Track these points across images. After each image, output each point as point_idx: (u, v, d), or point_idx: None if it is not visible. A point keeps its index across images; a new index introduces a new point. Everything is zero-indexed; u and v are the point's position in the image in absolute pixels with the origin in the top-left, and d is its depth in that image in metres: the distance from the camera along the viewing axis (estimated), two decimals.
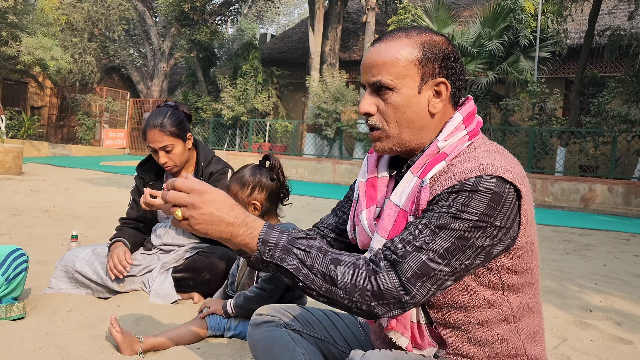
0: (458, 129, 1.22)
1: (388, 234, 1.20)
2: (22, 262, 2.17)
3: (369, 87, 1.24)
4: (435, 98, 1.22)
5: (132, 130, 21.06)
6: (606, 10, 15.57)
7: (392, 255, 1.08)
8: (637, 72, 11.41)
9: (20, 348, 1.83)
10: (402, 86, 1.20)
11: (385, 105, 1.21)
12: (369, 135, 1.29)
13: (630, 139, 11.47)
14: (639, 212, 9.75)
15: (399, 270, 1.06)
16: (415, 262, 1.06)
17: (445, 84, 1.22)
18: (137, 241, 2.65)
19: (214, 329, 2.05)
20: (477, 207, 1.08)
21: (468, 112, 1.25)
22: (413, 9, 13.21)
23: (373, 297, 1.05)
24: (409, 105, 1.20)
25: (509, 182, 1.10)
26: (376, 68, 1.20)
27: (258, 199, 2.11)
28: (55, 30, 19.27)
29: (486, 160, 1.13)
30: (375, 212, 1.31)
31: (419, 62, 1.20)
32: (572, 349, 2.24)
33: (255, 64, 17.02)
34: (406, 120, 1.21)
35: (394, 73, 1.19)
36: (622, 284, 3.70)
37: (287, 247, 1.08)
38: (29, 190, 7.35)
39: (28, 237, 3.95)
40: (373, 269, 1.07)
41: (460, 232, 1.08)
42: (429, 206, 1.14)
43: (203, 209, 1.05)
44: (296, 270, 1.07)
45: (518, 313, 1.23)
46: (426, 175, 1.18)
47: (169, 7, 17.11)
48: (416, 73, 1.20)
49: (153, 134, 2.52)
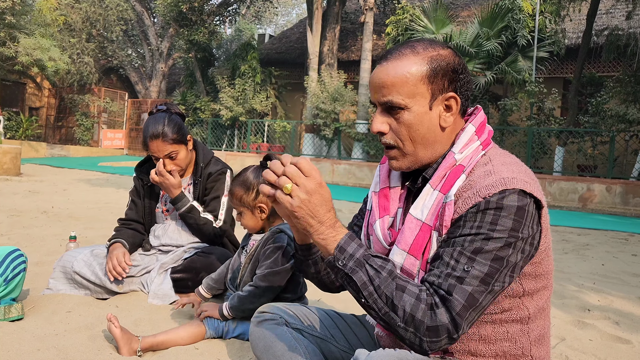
0: (472, 140, 1.25)
1: (409, 247, 1.22)
2: (20, 263, 2.16)
3: (380, 107, 1.25)
4: (446, 112, 1.24)
5: (131, 130, 21.04)
6: (604, 10, 15.59)
7: (440, 291, 1.10)
8: (635, 72, 11.43)
9: (19, 349, 1.83)
10: (413, 104, 1.21)
11: (398, 124, 1.23)
12: (385, 152, 1.31)
13: (628, 139, 11.48)
14: (637, 211, 9.77)
15: (449, 306, 1.08)
16: (462, 296, 1.09)
17: (455, 98, 1.23)
18: (135, 242, 2.65)
19: (212, 333, 2.05)
20: (504, 224, 1.11)
21: (480, 123, 1.28)
22: (411, 9, 13.21)
23: (427, 333, 1.07)
24: (422, 123, 1.22)
25: (529, 195, 1.13)
26: (386, 88, 1.21)
27: (264, 201, 2.10)
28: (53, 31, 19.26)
29: (505, 173, 1.15)
30: (388, 221, 1.32)
31: (428, 79, 1.21)
32: (571, 349, 2.24)
33: (253, 65, 17.01)
34: (420, 137, 1.23)
35: (405, 92, 1.20)
36: (621, 283, 3.71)
37: (360, 261, 1.11)
38: (27, 191, 7.34)
39: (26, 238, 3.95)
40: (432, 305, 1.09)
41: (494, 253, 1.11)
42: (455, 225, 1.16)
43: (312, 197, 1.10)
44: (363, 285, 1.10)
45: (533, 315, 1.25)
46: (449, 191, 1.19)
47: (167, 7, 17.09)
48: (426, 90, 1.21)
49: (156, 145, 2.51)
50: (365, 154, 14.32)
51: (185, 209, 2.53)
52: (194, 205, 2.56)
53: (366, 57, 15.08)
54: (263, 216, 2.13)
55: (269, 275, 2.03)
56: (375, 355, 1.12)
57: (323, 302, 2.73)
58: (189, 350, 1.92)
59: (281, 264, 2.04)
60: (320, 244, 1.15)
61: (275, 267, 2.03)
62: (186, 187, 2.73)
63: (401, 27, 13.21)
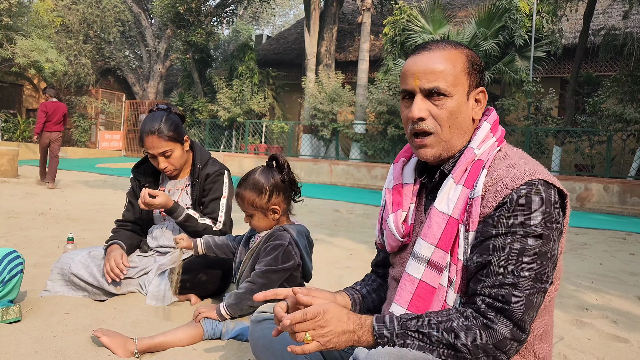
0: (488, 137, 1.33)
1: (438, 241, 1.26)
2: (17, 265, 2.16)
3: (421, 93, 1.30)
4: (476, 105, 1.33)
5: (128, 132, 21.02)
6: (601, 9, 15.61)
7: (497, 303, 1.15)
8: (632, 71, 11.45)
9: (17, 351, 1.82)
10: (455, 93, 1.28)
11: (439, 110, 1.28)
12: (415, 142, 1.33)
13: (626, 138, 11.50)
14: (634, 210, 9.78)
15: (509, 315, 1.14)
16: (520, 302, 1.14)
17: (484, 93, 1.34)
18: (133, 243, 2.64)
19: (210, 334, 2.04)
20: (537, 217, 1.17)
21: (494, 121, 1.35)
22: (408, 9, 13.22)
23: (496, 349, 1.13)
24: (460, 111, 1.29)
25: (551, 185, 1.20)
26: (433, 74, 1.27)
27: (277, 203, 2.10)
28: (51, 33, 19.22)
29: (526, 166, 1.23)
30: (401, 216, 1.38)
31: (468, 72, 1.30)
32: (569, 348, 2.25)
33: (251, 65, 17.01)
34: (457, 125, 1.30)
35: (450, 80, 1.27)
36: (618, 282, 3.71)
37: (402, 334, 1.16)
38: (25, 192, 7.33)
39: (24, 239, 3.94)
40: (485, 324, 1.14)
41: (538, 250, 1.16)
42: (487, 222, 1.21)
43: (329, 326, 1.15)
44: (420, 347, 1.15)
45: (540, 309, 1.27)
46: (475, 186, 1.25)
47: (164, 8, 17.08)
48: (465, 81, 1.30)
49: (151, 140, 2.50)
50: (363, 155, 14.32)
51: (181, 218, 2.51)
52: (190, 214, 2.54)
53: (364, 58, 15.09)
54: (276, 217, 2.13)
55: (267, 272, 2.03)
56: (374, 353, 1.12)
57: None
58: (187, 352, 1.92)
59: (281, 263, 2.04)
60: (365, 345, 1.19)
61: (274, 264, 2.03)
62: (183, 189, 2.72)
63: (398, 28, 13.23)
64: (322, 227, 5.70)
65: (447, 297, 1.26)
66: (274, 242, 2.07)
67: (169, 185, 2.74)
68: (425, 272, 1.27)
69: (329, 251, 4.24)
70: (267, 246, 2.08)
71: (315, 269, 2.46)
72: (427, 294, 1.27)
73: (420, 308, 1.27)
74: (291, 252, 2.06)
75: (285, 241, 2.06)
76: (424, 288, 1.27)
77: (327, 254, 4.12)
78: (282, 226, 2.12)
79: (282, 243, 2.05)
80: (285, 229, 2.10)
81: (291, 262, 2.07)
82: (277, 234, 2.09)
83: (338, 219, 6.58)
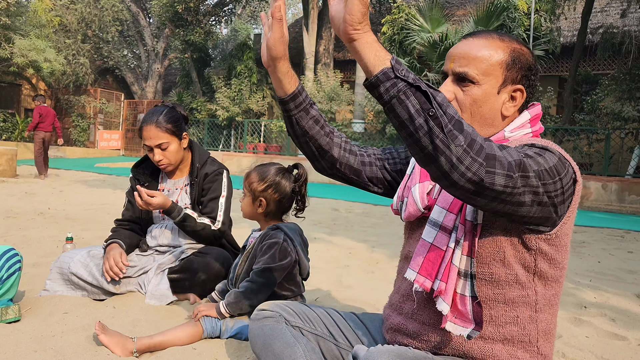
0: (524, 126, 1.32)
1: (450, 205, 1.27)
2: (15, 263, 2.15)
3: (452, 76, 1.31)
4: (509, 102, 1.31)
5: (127, 131, 21.01)
6: (599, 8, 15.63)
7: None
8: (630, 70, 11.46)
9: (16, 351, 1.83)
10: (484, 82, 1.28)
11: (465, 95, 1.29)
12: None
13: (624, 136, 11.52)
14: (632, 209, 9.80)
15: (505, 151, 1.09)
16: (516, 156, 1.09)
17: (522, 92, 1.31)
18: (132, 242, 2.65)
19: (209, 333, 2.05)
20: (550, 159, 1.16)
21: (535, 114, 1.34)
22: (406, 8, 13.22)
23: (486, 160, 1.04)
24: (486, 101, 1.28)
25: (567, 162, 1.20)
26: (466, 59, 1.28)
27: (267, 198, 2.13)
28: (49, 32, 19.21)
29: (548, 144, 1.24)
30: (427, 187, 1.37)
31: (506, 66, 1.28)
32: (567, 346, 2.25)
33: (249, 65, 17.00)
34: (479, 114, 1.29)
35: (481, 69, 1.27)
36: (617, 280, 3.72)
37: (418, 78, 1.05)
38: (24, 192, 7.32)
39: (23, 239, 3.94)
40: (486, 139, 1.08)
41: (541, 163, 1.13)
42: None
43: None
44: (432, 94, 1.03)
45: (541, 303, 1.28)
46: None
47: (162, 8, 17.07)
48: (500, 74, 1.28)
49: (149, 130, 2.53)
50: None
51: (179, 218, 2.50)
52: (188, 214, 2.53)
53: None
54: (259, 210, 2.16)
55: (266, 271, 2.03)
56: (374, 350, 1.12)
57: (321, 301, 2.73)
58: (187, 351, 1.92)
59: (278, 260, 2.05)
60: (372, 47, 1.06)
61: (272, 263, 2.04)
62: (183, 188, 2.73)
63: (397, 27, 13.22)
64: (321, 226, 5.70)
65: (453, 258, 1.24)
66: (269, 241, 2.08)
67: (168, 185, 2.75)
68: (436, 237, 1.28)
69: (328, 250, 4.25)
70: (263, 245, 2.09)
71: (314, 267, 2.47)
72: (435, 257, 1.27)
73: (429, 271, 1.27)
74: (287, 249, 2.07)
75: (280, 239, 2.07)
76: (434, 251, 1.27)
77: (326, 252, 4.12)
78: (275, 225, 2.13)
79: (277, 241, 2.07)
80: (278, 227, 2.12)
81: (288, 259, 2.08)
82: (271, 233, 2.11)
83: (337, 217, 6.58)
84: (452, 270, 1.24)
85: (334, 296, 2.84)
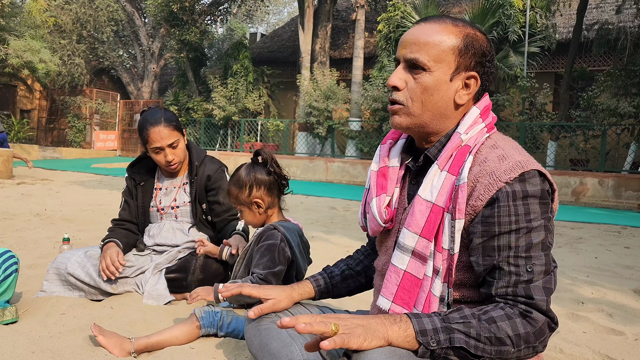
0: (476, 122, 1.28)
1: (422, 230, 1.22)
2: (11, 264, 2.15)
3: (404, 63, 1.27)
4: (463, 90, 1.26)
5: (123, 132, 20.96)
6: (594, 4, 15.66)
7: (520, 298, 1.13)
8: (626, 66, 11.49)
9: (13, 352, 1.82)
10: (436, 69, 1.23)
11: (415, 83, 1.24)
12: (388, 108, 1.31)
13: (620, 132, 11.54)
14: (629, 204, 9.83)
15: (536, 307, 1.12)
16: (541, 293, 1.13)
17: (476, 79, 1.26)
18: (129, 242, 2.64)
19: (207, 327, 2.04)
20: (536, 210, 1.15)
21: (484, 107, 1.30)
22: (402, 6, 13.22)
23: (536, 338, 1.11)
24: (437, 90, 1.24)
25: (543, 175, 1.18)
26: (417, 45, 1.24)
27: (258, 196, 2.11)
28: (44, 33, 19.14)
29: (518, 156, 1.19)
30: (385, 200, 1.34)
31: (459, 52, 1.23)
32: (565, 341, 2.26)
33: (245, 64, 16.98)
34: (431, 103, 1.25)
35: (433, 55, 1.22)
36: (614, 276, 3.73)
37: (447, 327, 1.09)
38: (20, 194, 7.30)
39: (19, 240, 3.93)
40: (523, 313, 1.12)
41: (541, 242, 1.15)
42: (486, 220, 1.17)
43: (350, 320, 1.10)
44: (466, 344, 1.08)
45: None
46: (460, 173, 1.21)
47: (157, 7, 17.02)
48: (453, 61, 1.23)
49: (159, 131, 2.49)
50: (358, 152, 14.32)
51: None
52: (242, 233, 2.62)
53: (358, 55, 15.08)
54: (260, 211, 2.14)
55: (269, 275, 2.01)
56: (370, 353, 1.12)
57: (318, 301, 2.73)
58: (185, 350, 1.92)
59: (278, 263, 2.03)
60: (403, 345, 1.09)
61: (273, 267, 2.02)
62: (181, 187, 2.72)
63: (393, 25, 13.22)
64: (319, 224, 5.70)
65: (432, 287, 1.22)
66: (267, 243, 2.06)
67: (165, 183, 2.74)
68: (409, 263, 1.24)
69: (325, 248, 4.25)
70: (260, 247, 2.07)
71: (311, 266, 2.46)
72: (412, 286, 1.24)
73: (406, 300, 1.24)
74: (284, 248, 2.07)
75: (276, 240, 2.05)
76: (409, 279, 1.24)
77: (323, 251, 4.12)
78: (271, 224, 2.12)
79: (275, 242, 2.04)
80: (275, 227, 2.09)
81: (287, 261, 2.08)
82: (268, 234, 2.09)
83: (334, 216, 6.58)
84: (434, 301, 1.22)
85: None
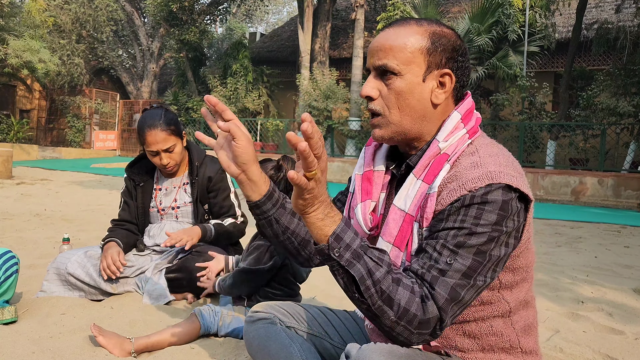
0: (457, 128, 1.22)
1: (394, 239, 1.19)
2: (12, 265, 2.15)
3: (374, 71, 1.23)
4: (438, 89, 1.22)
5: (123, 132, 20.94)
6: (593, 3, 15.66)
7: (427, 283, 1.08)
8: (625, 65, 11.49)
9: (13, 352, 1.82)
10: (406, 72, 1.19)
11: (388, 90, 1.21)
12: (370, 122, 1.27)
13: (619, 132, 11.55)
14: (629, 204, 9.83)
15: (436, 299, 1.06)
16: (445, 289, 1.06)
17: (450, 76, 1.21)
18: (129, 242, 2.64)
19: (207, 327, 2.05)
20: (488, 218, 1.08)
21: (466, 110, 1.24)
22: (402, 5, 13.22)
23: (419, 326, 1.06)
24: (412, 92, 1.19)
25: (514, 189, 1.11)
26: (383, 52, 1.20)
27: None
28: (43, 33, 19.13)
29: (492, 166, 1.13)
30: (370, 206, 1.29)
31: (427, 51, 1.20)
32: (565, 340, 2.26)
33: (245, 63, 16.98)
34: (408, 107, 1.20)
35: (400, 58, 1.19)
36: (613, 275, 3.73)
37: (358, 253, 1.05)
38: (19, 194, 7.29)
39: (19, 241, 3.92)
40: (424, 297, 1.06)
41: (477, 247, 1.08)
42: (437, 218, 1.14)
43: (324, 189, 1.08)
44: (361, 279, 1.04)
45: (513, 306, 1.24)
46: (433, 182, 1.17)
47: (157, 7, 17.01)
48: (422, 61, 1.19)
49: (155, 135, 2.49)
50: (358, 151, 14.32)
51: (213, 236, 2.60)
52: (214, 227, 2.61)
53: (358, 54, 15.08)
54: None
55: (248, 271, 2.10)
56: (366, 348, 1.11)
57: (317, 300, 2.73)
58: (185, 350, 1.92)
59: (262, 263, 2.09)
60: (314, 227, 1.07)
61: (254, 265, 2.09)
62: (181, 187, 2.72)
63: None
64: None
65: None
66: (257, 242, 2.14)
67: (165, 184, 2.74)
68: None
69: None
70: (251, 245, 2.15)
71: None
72: None
73: None
74: (273, 252, 2.09)
75: (266, 242, 2.09)
76: None
77: None
78: None
79: (264, 244, 2.10)
80: None
81: (271, 263, 2.09)
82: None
83: None
84: None
85: (330, 294, 2.84)
